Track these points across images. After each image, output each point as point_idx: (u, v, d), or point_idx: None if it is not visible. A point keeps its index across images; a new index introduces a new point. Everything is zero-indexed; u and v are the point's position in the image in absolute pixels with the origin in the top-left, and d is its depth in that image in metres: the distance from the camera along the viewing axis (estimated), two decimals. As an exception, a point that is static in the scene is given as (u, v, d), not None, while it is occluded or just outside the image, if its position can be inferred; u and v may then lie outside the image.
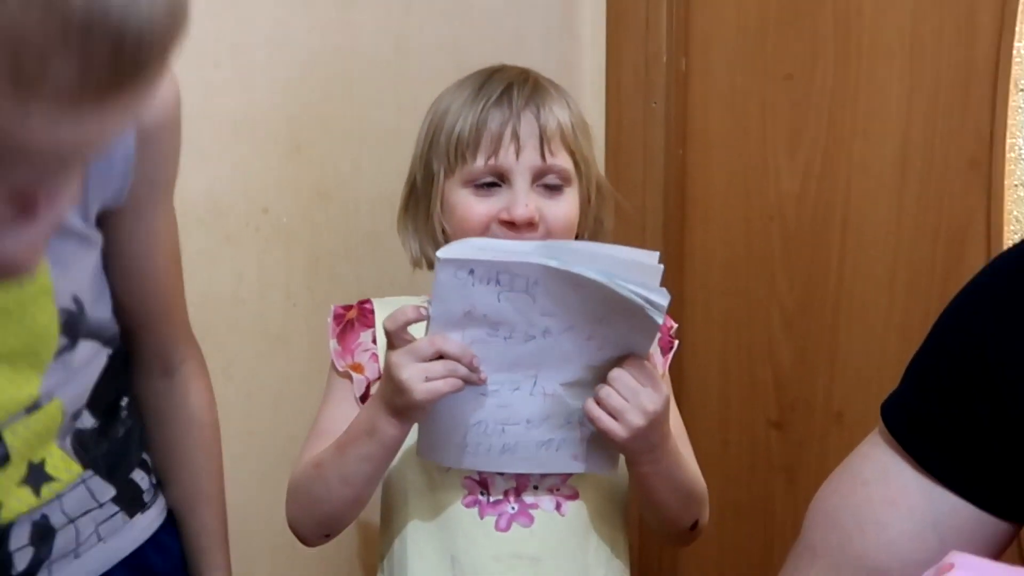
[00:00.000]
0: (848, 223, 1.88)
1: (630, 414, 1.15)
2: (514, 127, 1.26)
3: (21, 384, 0.97)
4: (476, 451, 1.24)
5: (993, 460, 0.96)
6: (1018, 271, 1.01)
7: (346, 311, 1.38)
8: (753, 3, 1.96)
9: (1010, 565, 0.80)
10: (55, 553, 1.03)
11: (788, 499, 2.00)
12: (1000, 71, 1.68)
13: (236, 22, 1.59)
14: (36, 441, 1.01)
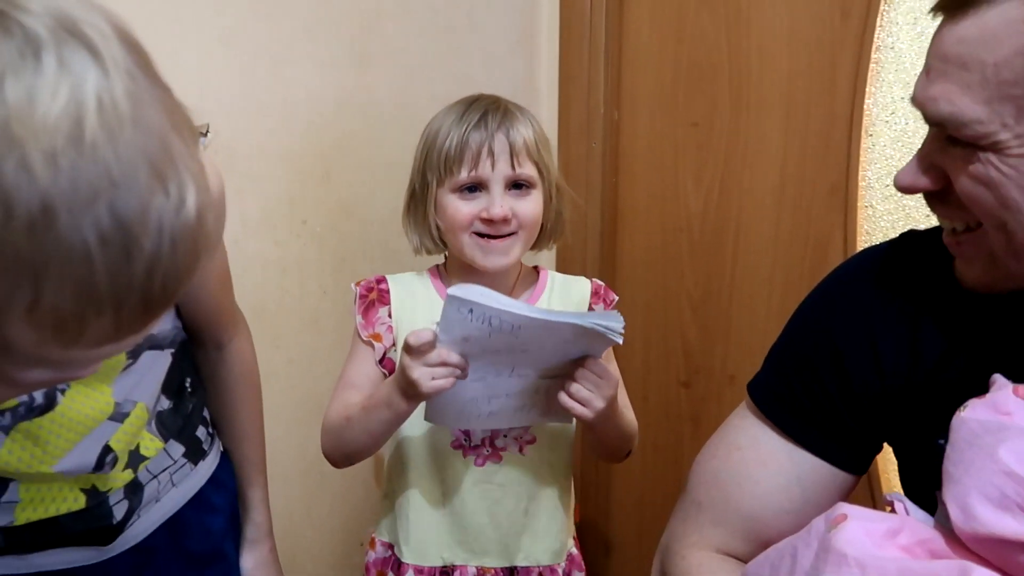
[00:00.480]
0: (739, 234, 1.87)
1: (594, 401, 1.16)
2: (490, 145, 1.25)
3: (96, 397, 0.95)
4: (469, 418, 1.25)
5: (841, 426, 0.95)
6: (851, 278, 1.00)
7: (368, 292, 1.36)
8: (668, 69, 1.94)
9: (883, 513, 0.79)
10: (143, 502, 1.03)
11: (693, 442, 1.98)
12: (854, 121, 1.68)
13: (282, 82, 1.58)
14: (134, 439, 1.00)
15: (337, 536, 1.78)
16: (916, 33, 1.58)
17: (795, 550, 0.79)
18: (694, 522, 1.03)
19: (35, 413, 0.89)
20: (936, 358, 0.89)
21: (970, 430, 0.73)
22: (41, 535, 0.95)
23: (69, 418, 0.92)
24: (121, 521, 1.00)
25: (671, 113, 1.95)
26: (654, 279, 2.03)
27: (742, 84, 1.83)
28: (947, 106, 0.76)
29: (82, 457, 0.94)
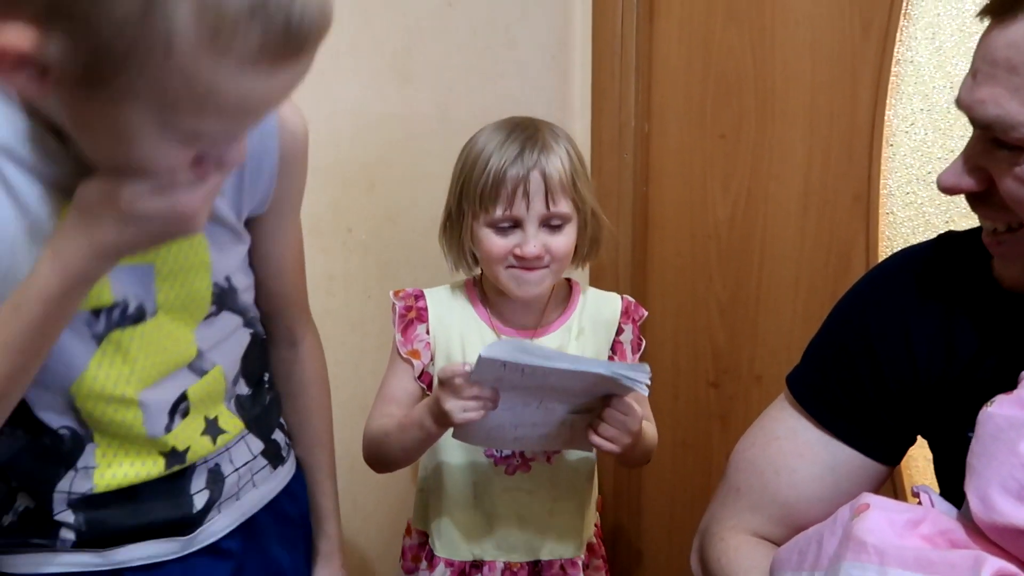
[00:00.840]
0: (765, 241, 1.88)
1: (621, 439, 1.17)
2: (525, 186, 1.22)
3: (179, 337, 0.93)
4: (495, 441, 1.26)
5: (875, 419, 0.96)
6: (889, 277, 1.00)
7: (407, 311, 1.36)
8: (696, 83, 1.95)
9: (909, 504, 0.80)
10: (223, 495, 1.00)
11: (722, 440, 1.99)
12: (875, 132, 1.68)
13: (328, 96, 1.60)
14: (209, 401, 0.98)
15: (381, 526, 1.80)
16: (935, 48, 1.60)
17: (821, 537, 0.82)
18: (732, 507, 1.05)
19: (128, 321, 0.87)
20: (970, 356, 0.90)
21: (995, 425, 0.74)
22: (121, 512, 0.92)
23: (156, 341, 0.90)
24: (201, 511, 0.98)
25: (699, 125, 1.96)
26: (684, 284, 2.03)
27: (767, 97, 1.84)
28: (995, 109, 0.75)
29: (163, 394, 0.93)
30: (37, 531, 0.90)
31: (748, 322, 1.93)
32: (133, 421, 0.90)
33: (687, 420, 2.04)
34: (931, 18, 1.60)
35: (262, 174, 0.98)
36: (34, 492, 0.90)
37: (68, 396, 0.86)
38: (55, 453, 0.88)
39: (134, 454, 0.92)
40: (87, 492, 0.90)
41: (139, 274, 0.87)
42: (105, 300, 0.85)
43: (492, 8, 1.88)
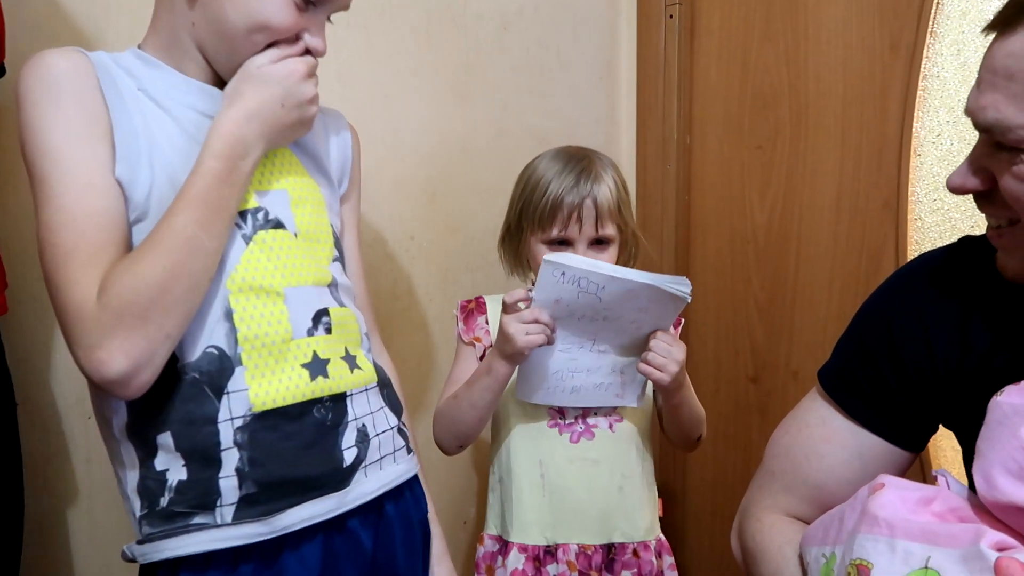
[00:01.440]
0: (800, 244, 1.90)
1: (669, 365, 1.25)
2: (579, 212, 1.32)
3: (318, 259, 1.02)
4: (554, 393, 1.32)
5: (898, 409, 0.98)
6: (910, 278, 1.02)
7: (467, 304, 1.44)
8: (734, 98, 1.97)
9: (923, 484, 0.81)
10: (368, 458, 1.02)
11: (761, 432, 1.99)
12: (903, 142, 1.69)
13: (392, 115, 1.66)
14: (347, 335, 1.03)
15: (441, 516, 1.79)
16: (960, 63, 1.63)
17: (843, 514, 0.84)
18: (768, 489, 1.07)
19: (270, 225, 0.97)
20: (984, 349, 0.91)
21: (1002, 412, 0.75)
22: (279, 459, 0.93)
23: (299, 254, 0.99)
24: (351, 467, 0.99)
25: (737, 137, 1.99)
26: (724, 285, 2.05)
27: (801, 111, 1.86)
28: (994, 113, 0.78)
29: (307, 297, 0.98)
30: (198, 501, 0.91)
31: (785, 321, 1.95)
32: (280, 315, 0.95)
33: (728, 413, 2.06)
34: (956, 35, 1.63)
35: (345, 150, 1.14)
36: (201, 436, 0.91)
37: (224, 293, 0.92)
38: (206, 382, 0.91)
39: (279, 370, 0.94)
40: (246, 414, 0.92)
41: (278, 196, 1.00)
42: (251, 203, 0.96)
43: (544, 32, 1.94)
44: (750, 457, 2.03)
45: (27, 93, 0.88)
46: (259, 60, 0.94)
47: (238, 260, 0.94)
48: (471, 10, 1.77)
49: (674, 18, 2.02)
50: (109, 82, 0.91)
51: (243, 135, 0.91)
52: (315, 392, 0.97)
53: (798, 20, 1.85)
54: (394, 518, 1.07)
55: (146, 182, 0.90)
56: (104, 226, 0.86)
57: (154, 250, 0.85)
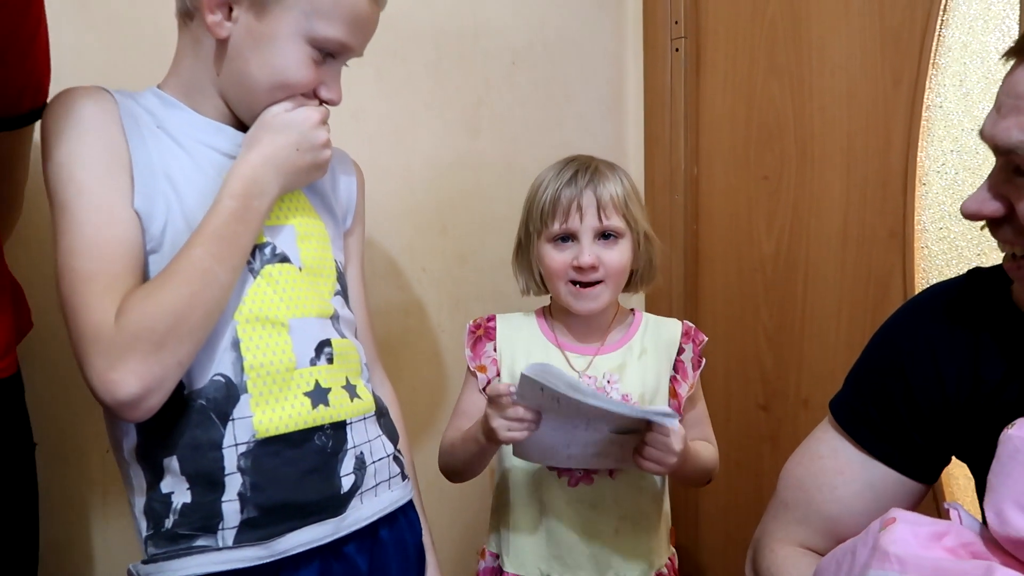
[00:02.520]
0: (808, 274, 1.89)
1: (666, 459, 1.17)
2: (578, 201, 1.28)
3: (320, 293, 1.05)
4: (550, 459, 1.26)
5: (909, 440, 0.98)
6: (919, 309, 1.02)
7: (476, 329, 1.40)
8: (740, 130, 1.98)
9: (936, 518, 0.80)
10: (364, 484, 1.04)
11: (773, 460, 1.99)
12: (908, 172, 1.70)
13: (404, 148, 1.66)
14: (348, 365, 1.06)
15: (456, 545, 1.82)
16: (962, 94, 1.64)
17: (855, 548, 0.82)
18: (781, 520, 1.07)
19: (276, 259, 1.00)
20: (996, 381, 0.91)
21: (1013, 446, 0.75)
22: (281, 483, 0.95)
23: (303, 287, 1.02)
24: (348, 493, 1.01)
25: (744, 168, 1.99)
26: (733, 314, 2.05)
27: (806, 142, 1.87)
28: (1019, 134, 0.78)
29: (310, 328, 1.01)
30: (201, 523, 0.93)
31: (794, 349, 1.94)
32: (285, 345, 0.98)
33: (739, 442, 2.05)
34: (958, 67, 1.64)
35: (350, 188, 1.19)
36: (205, 460, 0.93)
37: (233, 324, 0.96)
38: (212, 408, 0.94)
39: (283, 398, 0.97)
40: (250, 440, 0.94)
41: (286, 232, 1.03)
42: (260, 239, 1.00)
43: (553, 66, 1.96)
44: (762, 485, 2.02)
45: (52, 127, 0.92)
46: (275, 109, 0.99)
47: (246, 293, 0.98)
48: (480, 47, 1.79)
49: (680, 51, 2.03)
50: (130, 119, 0.96)
51: (258, 177, 0.96)
52: (316, 420, 0.99)
53: (802, 53, 1.86)
54: (389, 543, 1.09)
55: (162, 215, 0.94)
56: (123, 255, 0.90)
57: (172, 280, 0.88)
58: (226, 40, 0.97)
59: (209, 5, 0.95)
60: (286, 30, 0.96)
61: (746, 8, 1.96)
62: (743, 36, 1.97)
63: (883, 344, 1.04)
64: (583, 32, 2.02)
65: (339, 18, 0.97)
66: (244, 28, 0.96)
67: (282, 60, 0.97)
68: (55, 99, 0.94)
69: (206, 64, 1.00)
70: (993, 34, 1.59)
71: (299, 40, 0.97)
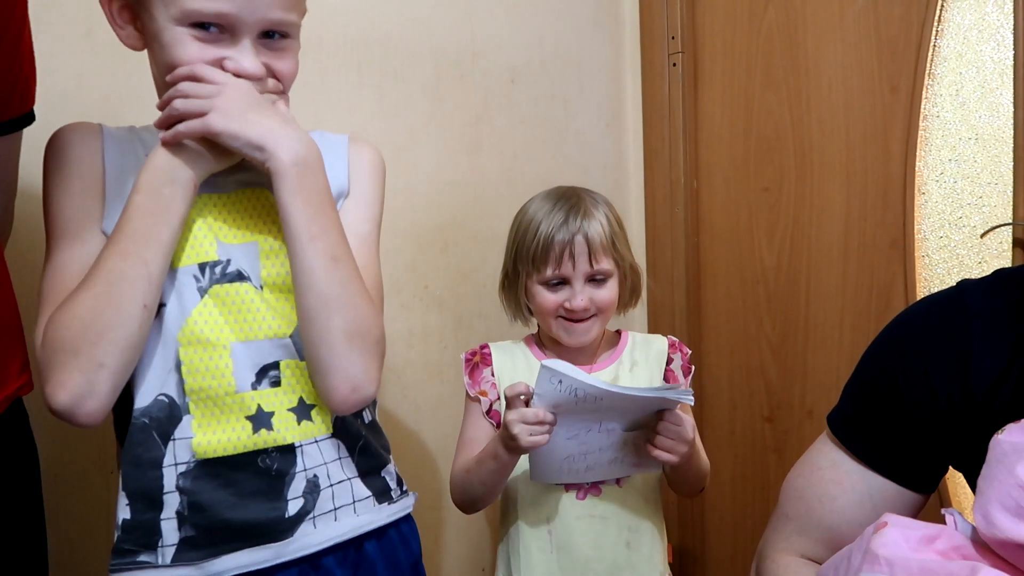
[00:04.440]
0: (810, 284, 1.91)
1: (678, 447, 1.21)
2: (571, 248, 1.30)
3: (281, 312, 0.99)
4: (569, 473, 1.27)
5: (905, 450, 0.98)
6: (911, 322, 1.01)
7: (472, 356, 1.41)
8: (739, 142, 2.00)
9: (928, 523, 0.79)
10: (317, 508, 0.99)
11: (778, 471, 1.98)
12: (907, 182, 1.72)
13: (405, 167, 1.68)
14: (305, 385, 1.00)
15: (462, 563, 1.83)
16: (959, 103, 1.65)
17: (850, 553, 0.82)
18: (783, 531, 1.07)
19: (227, 278, 0.97)
20: (986, 390, 0.91)
21: (1001, 450, 0.75)
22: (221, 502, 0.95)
23: (257, 308, 0.98)
24: (294, 518, 0.98)
25: (744, 181, 2.01)
26: (736, 326, 2.06)
27: (806, 153, 1.89)
28: None
29: (255, 353, 0.98)
30: (142, 540, 0.94)
31: (798, 360, 1.95)
32: (225, 369, 0.96)
33: (744, 453, 2.06)
34: (954, 77, 1.66)
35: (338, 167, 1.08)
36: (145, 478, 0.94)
37: (175, 346, 0.95)
38: (155, 427, 0.94)
39: (224, 421, 0.96)
40: (189, 460, 0.94)
41: (246, 250, 0.99)
42: (210, 256, 0.98)
43: (551, 83, 1.97)
44: (768, 497, 2.02)
45: (44, 166, 0.97)
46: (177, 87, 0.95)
47: (190, 313, 0.96)
48: (479, 66, 1.81)
49: (677, 66, 2.05)
50: (115, 150, 0.98)
51: (164, 164, 0.93)
52: (257, 444, 0.97)
53: (799, 65, 1.88)
54: (377, 558, 1.06)
55: None
56: (79, 274, 0.91)
57: (81, 287, 0.89)
58: (151, 51, 0.97)
59: (110, 19, 0.97)
60: (161, 22, 0.93)
61: (742, 22, 1.98)
62: (740, 49, 1.99)
63: (876, 357, 1.04)
64: (581, 49, 2.04)
65: None
66: (143, 35, 0.97)
67: (164, 51, 0.94)
68: (50, 139, 0.97)
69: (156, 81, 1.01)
70: (988, 44, 1.61)
71: (171, 25, 0.92)
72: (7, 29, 0.95)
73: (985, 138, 1.63)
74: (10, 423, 1.04)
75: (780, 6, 1.91)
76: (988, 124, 1.63)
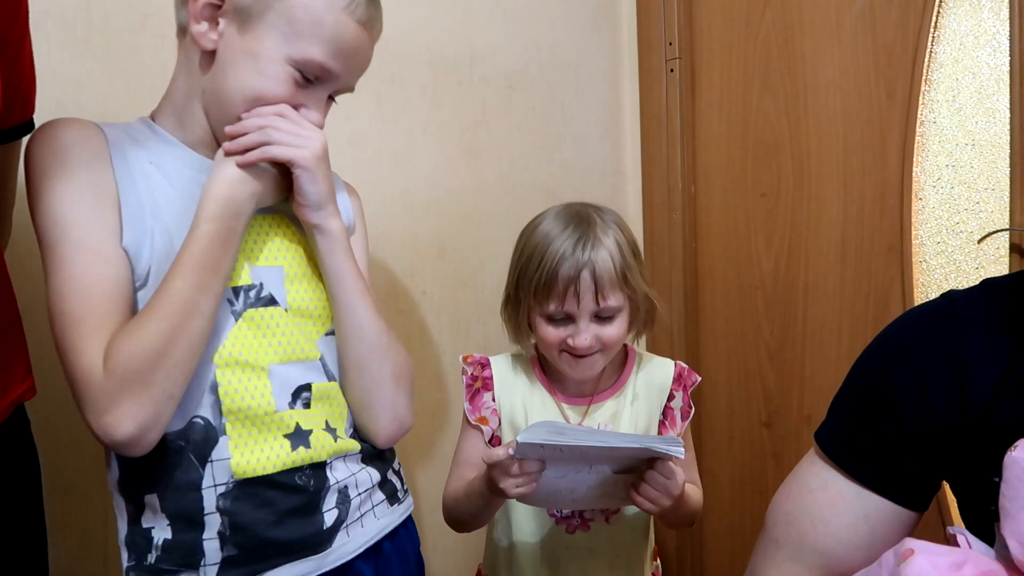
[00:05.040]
0: (808, 290, 1.91)
1: (661, 500, 1.16)
2: (576, 285, 1.21)
3: (307, 335, 1.04)
4: (556, 503, 1.26)
5: (900, 467, 0.95)
6: (902, 334, 0.99)
7: (473, 381, 1.36)
8: (737, 147, 2.00)
9: (949, 546, 0.78)
10: (349, 517, 1.03)
11: (776, 477, 1.97)
12: (904, 187, 1.71)
13: (403, 173, 1.68)
14: (331, 407, 1.05)
15: (459, 567, 1.83)
16: (955, 109, 1.65)
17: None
18: (773, 559, 1.03)
19: (260, 303, 1.00)
20: (984, 402, 0.89)
21: (1021, 468, 0.73)
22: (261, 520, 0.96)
23: (287, 331, 1.01)
24: (331, 529, 1.01)
25: (741, 186, 2.01)
26: (734, 331, 2.06)
27: (803, 158, 1.89)
28: None
29: (291, 374, 1.00)
30: (183, 560, 0.94)
31: (796, 365, 1.95)
32: (264, 390, 0.98)
33: (743, 460, 2.05)
34: (951, 82, 1.66)
35: (345, 205, 1.14)
36: (185, 501, 0.93)
37: (212, 367, 0.95)
38: (192, 450, 0.94)
39: (262, 440, 0.97)
40: (229, 481, 0.95)
41: (272, 273, 1.02)
42: (244, 280, 0.99)
43: (550, 89, 1.97)
44: (767, 503, 1.91)
45: (37, 162, 0.91)
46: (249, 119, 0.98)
47: (226, 336, 0.97)
48: (477, 72, 1.81)
49: (675, 72, 2.05)
50: (120, 155, 0.95)
51: (235, 195, 0.95)
52: (295, 462, 0.99)
53: (796, 71, 1.88)
54: (391, 553, 1.11)
55: (148, 255, 0.93)
56: (111, 294, 0.89)
57: (154, 315, 0.88)
58: (213, 53, 0.97)
59: (194, 15, 0.96)
60: (268, 49, 0.95)
61: (739, 27, 1.98)
62: (737, 55, 1.99)
63: (867, 370, 1.02)
64: (579, 55, 2.04)
65: (320, 40, 0.97)
66: (228, 42, 0.96)
67: (259, 77, 0.96)
68: (39, 131, 0.93)
69: (195, 80, 1.00)
70: (984, 50, 1.61)
71: (280, 60, 0.96)
72: (9, 38, 0.95)
73: (982, 144, 1.64)
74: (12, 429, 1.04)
75: (777, 12, 1.91)
76: (985, 130, 1.63)
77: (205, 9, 0.96)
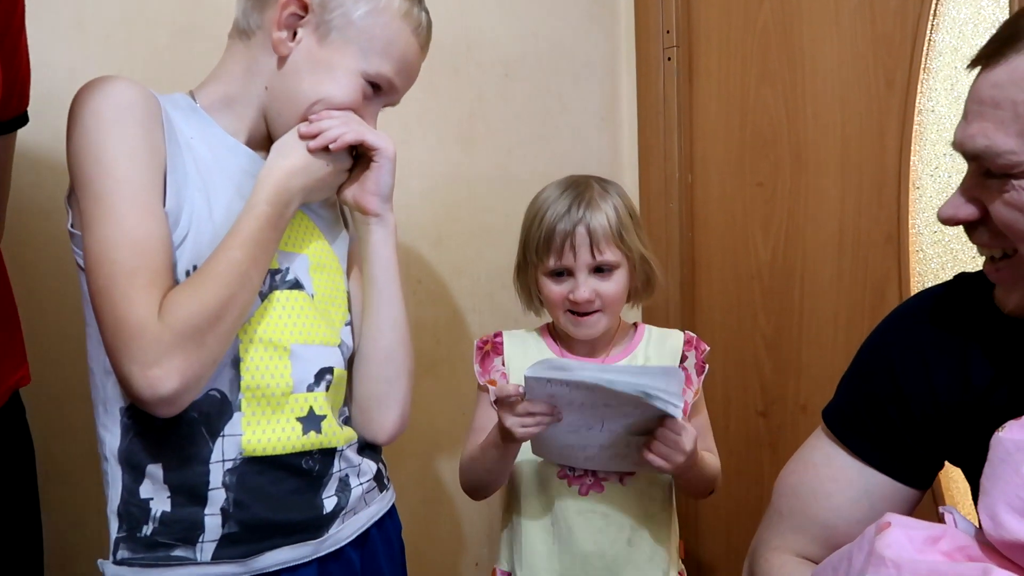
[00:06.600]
0: (805, 280, 1.90)
1: (673, 456, 1.19)
2: (571, 239, 1.30)
3: (331, 322, 1.07)
4: (567, 457, 1.29)
5: (903, 446, 0.98)
6: (909, 315, 1.03)
7: (484, 345, 1.42)
8: (734, 137, 1.99)
9: (930, 523, 0.79)
10: (348, 506, 1.06)
11: (772, 466, 1.99)
12: (902, 176, 1.71)
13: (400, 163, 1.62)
14: (336, 398, 1.08)
15: (455, 557, 1.84)
16: (953, 97, 1.65)
17: (851, 554, 0.82)
18: (776, 529, 1.07)
19: (286, 285, 1.03)
20: (985, 384, 0.92)
21: (1004, 448, 0.74)
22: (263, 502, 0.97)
23: (312, 315, 1.04)
24: (329, 515, 1.03)
25: (738, 175, 2.00)
26: (731, 321, 2.06)
27: (800, 148, 1.88)
28: (983, 140, 0.79)
29: (313, 356, 1.03)
30: (181, 534, 0.94)
31: (792, 355, 1.95)
32: (284, 370, 1.00)
33: (739, 449, 2.06)
34: (949, 71, 1.65)
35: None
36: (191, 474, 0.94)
37: (236, 342, 0.97)
38: (203, 422, 0.95)
39: (275, 420, 0.99)
40: (237, 457, 0.96)
41: (299, 260, 1.06)
42: (273, 264, 1.02)
43: (546, 77, 1.97)
44: (763, 492, 2.02)
45: (95, 113, 0.91)
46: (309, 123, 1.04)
47: (252, 313, 0.99)
48: (473, 59, 1.80)
49: (672, 60, 2.05)
50: (168, 125, 0.97)
51: (289, 186, 1.00)
52: (305, 446, 1.01)
53: (794, 59, 1.88)
54: (376, 538, 1.13)
55: (185, 225, 0.95)
56: (161, 251, 0.91)
57: (216, 280, 0.91)
58: (285, 57, 1.03)
59: (279, 23, 1.01)
60: (344, 61, 1.03)
61: (737, 16, 1.98)
62: (735, 44, 1.98)
63: (874, 352, 1.05)
64: (575, 43, 2.04)
65: (391, 58, 1.05)
66: (305, 49, 1.03)
67: (335, 86, 1.03)
68: (96, 85, 0.92)
69: (258, 80, 1.04)
70: (983, 38, 1.55)
71: (355, 72, 1.04)
72: (8, 28, 0.95)
73: (980, 133, 1.62)
74: (8, 416, 1.04)
75: (776, 0, 1.90)
76: (983, 119, 1.61)
77: (290, 19, 1.02)
